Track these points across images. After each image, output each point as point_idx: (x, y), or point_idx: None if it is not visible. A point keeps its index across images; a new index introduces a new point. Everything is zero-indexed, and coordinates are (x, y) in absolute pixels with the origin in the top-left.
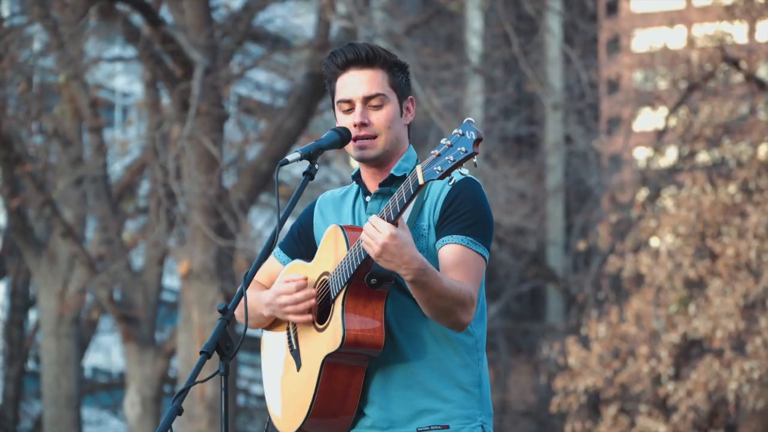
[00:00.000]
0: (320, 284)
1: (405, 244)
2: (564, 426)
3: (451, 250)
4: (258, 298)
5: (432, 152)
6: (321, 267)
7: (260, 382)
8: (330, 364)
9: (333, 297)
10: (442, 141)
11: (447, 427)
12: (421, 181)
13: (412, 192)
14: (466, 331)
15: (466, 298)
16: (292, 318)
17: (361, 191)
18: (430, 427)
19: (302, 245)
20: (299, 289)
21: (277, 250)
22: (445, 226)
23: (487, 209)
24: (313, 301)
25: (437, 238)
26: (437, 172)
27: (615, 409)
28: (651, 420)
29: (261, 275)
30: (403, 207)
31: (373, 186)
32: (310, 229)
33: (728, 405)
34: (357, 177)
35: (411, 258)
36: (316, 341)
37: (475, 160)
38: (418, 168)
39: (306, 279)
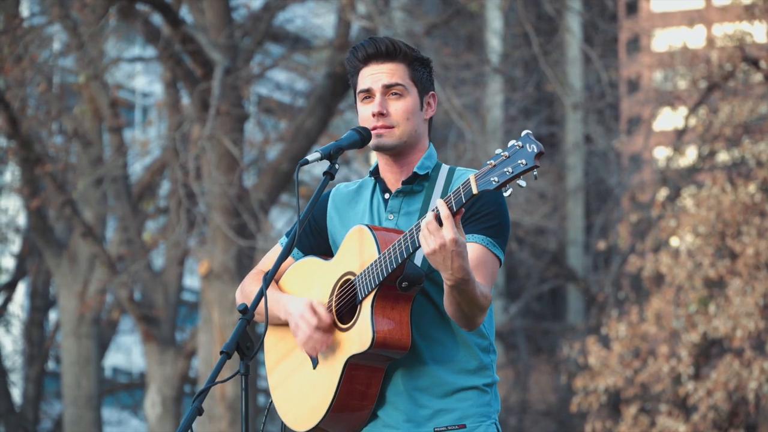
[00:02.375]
0: (343, 284)
1: (460, 254)
2: (584, 425)
3: (472, 249)
4: (277, 301)
5: (487, 162)
6: (344, 266)
7: None
8: (353, 364)
9: (360, 298)
10: (498, 152)
11: (464, 426)
12: (474, 191)
13: (463, 201)
14: (480, 333)
15: (487, 305)
16: (298, 345)
17: (378, 187)
18: (447, 427)
19: (313, 238)
20: (319, 329)
21: (284, 239)
22: (468, 224)
23: (507, 214)
24: (324, 347)
25: None
26: (493, 183)
27: (635, 409)
28: (671, 419)
29: (267, 265)
30: (453, 215)
31: (392, 182)
32: (323, 223)
33: (748, 404)
34: (375, 173)
35: (459, 267)
36: (339, 341)
37: (535, 173)
38: (472, 177)
39: (331, 324)
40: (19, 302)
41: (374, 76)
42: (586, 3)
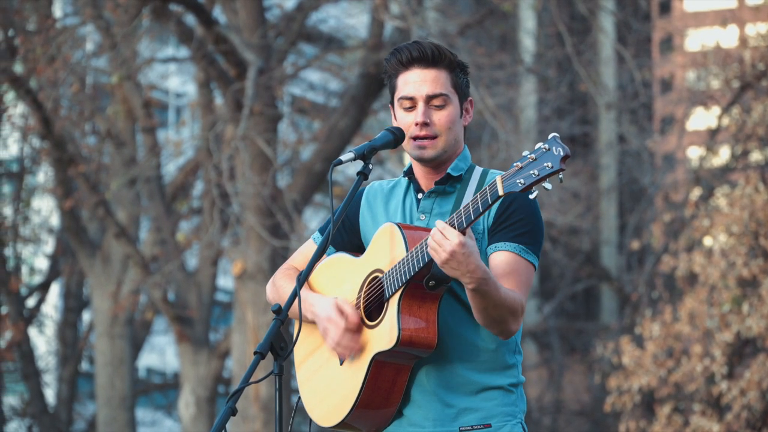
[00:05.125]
0: (372, 281)
1: (471, 252)
2: (618, 425)
3: (503, 258)
4: (304, 300)
5: (514, 164)
6: (373, 264)
7: None
8: (379, 362)
9: (387, 296)
10: (525, 154)
11: (489, 425)
12: (501, 193)
13: (489, 202)
14: None
15: (518, 309)
16: (328, 348)
17: (412, 187)
18: (473, 426)
19: (345, 234)
20: (348, 330)
21: (317, 234)
22: (498, 232)
23: (540, 218)
24: (356, 348)
25: (489, 243)
26: (519, 185)
27: (669, 408)
28: (705, 419)
29: (299, 260)
30: (477, 216)
31: (426, 183)
32: (356, 219)
33: None
34: (409, 173)
35: (476, 267)
36: (365, 338)
37: (561, 176)
38: (498, 179)
39: (359, 323)
40: (52, 303)
41: (417, 84)
42: (619, 3)
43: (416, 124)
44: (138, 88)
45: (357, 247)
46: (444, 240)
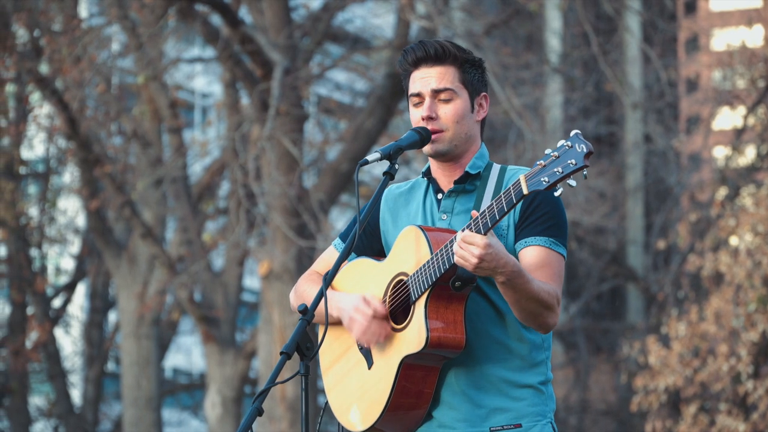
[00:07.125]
0: (396, 285)
1: (499, 250)
2: (644, 425)
3: (534, 252)
4: (329, 299)
5: (537, 163)
6: (397, 267)
7: None
8: (408, 364)
9: (414, 298)
10: (548, 152)
11: (519, 425)
12: (525, 192)
13: (514, 201)
14: (532, 330)
15: (553, 301)
16: (355, 337)
17: (431, 188)
18: (503, 426)
19: (367, 239)
20: (376, 317)
21: (338, 241)
22: (526, 227)
23: (564, 210)
24: (383, 335)
25: (517, 239)
26: (544, 183)
27: (695, 408)
28: (731, 418)
29: (321, 267)
30: (502, 216)
31: (445, 183)
32: (376, 223)
33: None
34: (428, 173)
35: (506, 261)
36: (393, 341)
37: (585, 172)
38: (522, 178)
39: (386, 314)
40: (78, 303)
41: (424, 80)
42: (645, 2)
43: (422, 119)
44: (164, 89)
45: (378, 252)
46: (470, 247)
